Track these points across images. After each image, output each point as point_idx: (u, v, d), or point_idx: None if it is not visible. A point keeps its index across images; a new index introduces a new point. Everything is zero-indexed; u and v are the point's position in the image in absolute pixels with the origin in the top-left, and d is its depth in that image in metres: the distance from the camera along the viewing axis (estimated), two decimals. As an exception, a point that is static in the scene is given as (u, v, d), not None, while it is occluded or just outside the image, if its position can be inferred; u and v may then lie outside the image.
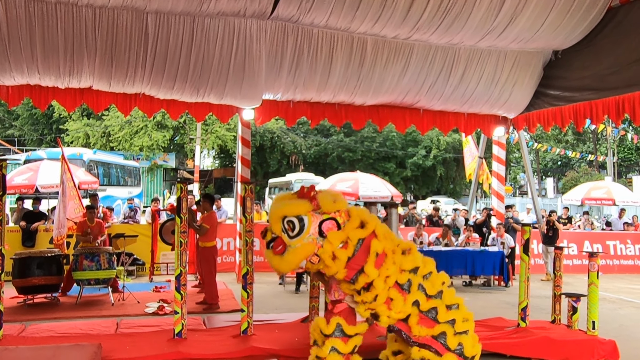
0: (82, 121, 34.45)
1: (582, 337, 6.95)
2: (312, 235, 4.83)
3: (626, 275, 14.67)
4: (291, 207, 4.90)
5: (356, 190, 15.41)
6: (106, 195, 21.81)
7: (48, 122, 39.13)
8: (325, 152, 39.08)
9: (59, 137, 24.02)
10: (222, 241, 12.80)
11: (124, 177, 28.04)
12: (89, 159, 23.15)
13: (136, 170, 29.94)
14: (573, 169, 45.27)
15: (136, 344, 6.18)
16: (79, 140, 33.51)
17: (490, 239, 12.82)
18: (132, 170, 29.39)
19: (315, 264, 4.88)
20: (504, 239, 12.48)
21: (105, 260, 9.12)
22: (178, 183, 6.62)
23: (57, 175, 11.12)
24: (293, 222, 4.83)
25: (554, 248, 7.83)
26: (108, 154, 29.42)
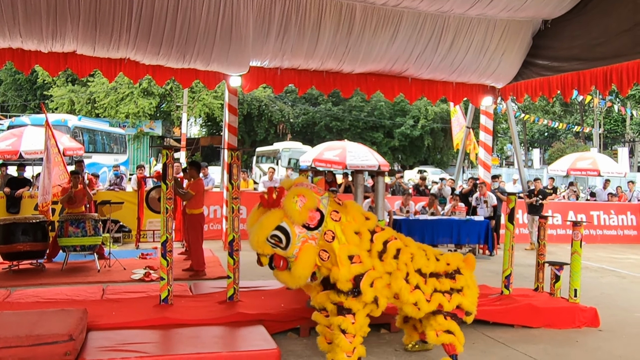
0: (67, 87, 33.97)
1: (564, 305, 7.06)
2: (301, 234, 4.63)
3: (608, 245, 14.89)
4: (266, 223, 4.62)
5: (343, 159, 15.40)
6: (92, 163, 21.64)
7: (32, 88, 38.55)
8: (313, 121, 38.94)
9: (43, 102, 23.64)
10: (208, 209, 12.78)
11: (110, 145, 27.79)
12: (74, 126, 22.89)
13: (122, 138, 29.67)
14: (559, 140, 45.50)
15: (122, 309, 6.18)
16: (64, 106, 33.08)
17: (474, 199, 12.91)
18: (118, 138, 29.12)
19: (326, 261, 4.71)
20: (486, 198, 12.58)
21: (90, 226, 9.08)
22: (163, 149, 6.56)
23: (41, 141, 10.98)
24: (277, 235, 4.60)
25: (539, 217, 7.89)
26: (93, 120, 29.10)
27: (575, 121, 42.77)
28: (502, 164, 48.15)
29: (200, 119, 39.54)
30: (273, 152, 29.23)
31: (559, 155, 31.42)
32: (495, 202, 12.58)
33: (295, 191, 4.68)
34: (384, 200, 7.90)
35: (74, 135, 21.15)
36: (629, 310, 7.88)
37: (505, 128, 44.15)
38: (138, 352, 4.93)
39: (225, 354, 5.09)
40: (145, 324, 5.78)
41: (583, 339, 6.44)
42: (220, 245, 11.77)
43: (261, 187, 14.68)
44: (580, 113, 44.09)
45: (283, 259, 4.68)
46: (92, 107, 33.38)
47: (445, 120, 34.05)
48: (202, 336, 5.50)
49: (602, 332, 6.73)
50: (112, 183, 14.23)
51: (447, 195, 13.83)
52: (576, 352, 5.97)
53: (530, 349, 5.99)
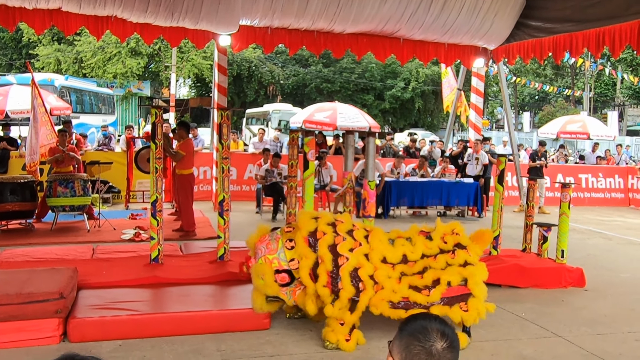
0: (53, 46, 33.36)
1: (551, 265, 7.15)
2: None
3: (596, 207, 15.04)
4: (258, 297, 4.92)
5: (334, 121, 15.32)
6: (80, 123, 21.42)
7: (17, 47, 37.80)
8: (303, 83, 38.61)
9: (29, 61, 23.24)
10: (198, 170, 12.75)
11: (98, 105, 27.47)
12: (61, 85, 22.57)
13: (110, 98, 29.32)
14: (550, 103, 45.50)
15: (113, 268, 6.19)
16: (50, 66, 32.54)
17: (466, 156, 12.95)
18: (106, 98, 28.78)
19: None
20: (479, 155, 12.63)
21: (79, 187, 9.02)
22: (152, 108, 6.47)
23: (28, 100, 10.81)
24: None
25: (528, 179, 7.93)
26: (81, 80, 28.67)
27: (566, 84, 42.71)
28: (492, 127, 48.18)
29: (190, 79, 39.09)
30: (263, 113, 29.00)
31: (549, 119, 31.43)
32: (487, 162, 12.62)
33: (254, 272, 4.86)
34: (376, 162, 7.88)
35: (60, 95, 20.86)
36: (614, 271, 8.00)
37: (496, 91, 44.03)
38: (129, 310, 4.97)
39: (216, 312, 5.13)
40: (136, 283, 5.81)
41: (569, 299, 6.54)
42: (211, 206, 11.76)
43: (251, 148, 14.62)
44: (571, 76, 43.99)
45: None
46: (79, 67, 32.87)
47: (436, 83, 33.87)
48: (192, 295, 5.54)
49: (588, 292, 6.84)
50: (101, 143, 14.13)
51: (437, 158, 13.85)
52: (562, 311, 6.07)
53: (517, 307, 6.08)
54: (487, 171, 12.77)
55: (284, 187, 10.67)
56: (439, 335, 1.59)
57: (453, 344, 1.61)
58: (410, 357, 1.57)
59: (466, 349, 4.84)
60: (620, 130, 37.05)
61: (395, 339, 1.65)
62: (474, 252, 4.96)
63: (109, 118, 26.83)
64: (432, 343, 1.57)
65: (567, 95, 40.15)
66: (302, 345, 4.86)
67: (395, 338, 1.66)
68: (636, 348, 5.11)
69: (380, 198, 11.52)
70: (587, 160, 17.08)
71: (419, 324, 1.63)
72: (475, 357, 4.71)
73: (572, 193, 7.80)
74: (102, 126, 16.28)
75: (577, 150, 21.90)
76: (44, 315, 4.63)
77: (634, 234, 11.16)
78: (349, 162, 7.19)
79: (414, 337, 1.59)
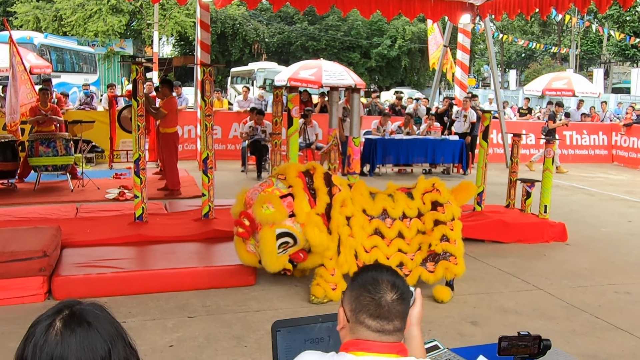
0: (31, 3, 32.48)
1: (533, 220, 7.24)
2: (294, 223, 4.64)
3: (580, 164, 15.16)
4: (267, 243, 4.57)
5: (319, 78, 15.15)
6: (61, 82, 21.05)
7: (-6, 4, 36.83)
8: (288, 41, 38.08)
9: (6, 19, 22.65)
10: (182, 129, 12.62)
11: (79, 64, 26.96)
12: (40, 43, 22.07)
13: (92, 57, 28.78)
14: (536, 61, 45.36)
15: (97, 227, 6.16)
16: (29, 24, 31.71)
17: (454, 113, 12.94)
18: (88, 57, 28.24)
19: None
20: (467, 112, 12.62)
21: (62, 146, 8.90)
22: (133, 64, 6.34)
23: (6, 58, 10.56)
24: (284, 242, 4.63)
25: (512, 135, 7.94)
26: (61, 38, 28.04)
27: (552, 42, 42.52)
28: (479, 86, 48.02)
29: (173, 38, 38.38)
30: (248, 72, 28.64)
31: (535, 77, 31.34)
32: (475, 120, 12.60)
33: (258, 203, 4.60)
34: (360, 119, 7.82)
35: (40, 53, 20.41)
36: (595, 226, 8.11)
37: (482, 49, 43.71)
38: (114, 268, 4.97)
39: (201, 269, 5.15)
40: (120, 241, 5.80)
41: (551, 253, 6.64)
42: (195, 165, 11.70)
43: (235, 107, 14.47)
44: (557, 34, 43.77)
45: (300, 251, 4.74)
46: (59, 25, 32.07)
47: (422, 41, 33.56)
48: (177, 252, 5.55)
49: (570, 247, 6.94)
50: (83, 102, 13.90)
51: (422, 115, 13.82)
52: (543, 265, 6.17)
53: (499, 262, 6.16)
54: (475, 129, 12.75)
55: (267, 145, 10.61)
56: (389, 287, 1.59)
57: (403, 295, 1.61)
58: (360, 308, 1.58)
59: (449, 302, 4.91)
60: (605, 87, 37.10)
61: (347, 290, 1.66)
62: (449, 210, 4.98)
63: (91, 77, 26.39)
64: (382, 294, 1.58)
65: (554, 52, 40.02)
66: (288, 300, 4.91)
67: (347, 289, 1.66)
68: (615, 299, 5.21)
69: (366, 156, 11.53)
70: (572, 117, 17.09)
71: (369, 275, 1.63)
72: (458, 310, 4.78)
73: (556, 149, 7.82)
74: (84, 85, 15.99)
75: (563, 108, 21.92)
76: (27, 273, 4.62)
77: (616, 190, 11.29)
78: (333, 119, 7.16)
79: (364, 288, 1.60)
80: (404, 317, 1.62)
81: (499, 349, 2.13)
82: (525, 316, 4.72)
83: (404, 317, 1.62)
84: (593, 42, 43.69)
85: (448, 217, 4.94)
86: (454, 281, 5.08)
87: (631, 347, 4.19)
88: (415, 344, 1.81)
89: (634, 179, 13.11)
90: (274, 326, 2.04)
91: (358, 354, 1.57)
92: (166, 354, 3.84)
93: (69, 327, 1.21)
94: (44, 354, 1.19)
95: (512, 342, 2.13)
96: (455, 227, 4.97)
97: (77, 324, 1.22)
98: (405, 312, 1.63)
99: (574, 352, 3.82)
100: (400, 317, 1.60)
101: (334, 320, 2.08)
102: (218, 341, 4.05)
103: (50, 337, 1.20)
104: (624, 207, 9.65)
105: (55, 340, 1.19)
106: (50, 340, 1.19)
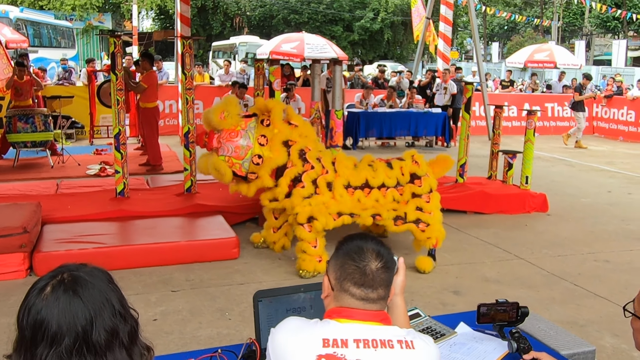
0: (6, -24, 31.74)
1: (515, 191, 7.30)
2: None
3: (561, 136, 15.23)
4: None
5: (301, 51, 15.02)
6: (38, 57, 20.65)
7: (-33, -22, 35.90)
8: (270, 14, 37.65)
9: (-19, -7, 22.12)
10: (164, 104, 12.50)
11: (57, 38, 26.42)
12: (16, 17, 21.58)
13: (70, 31, 28.20)
14: (519, 33, 45.29)
15: (78, 203, 6.10)
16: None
17: (435, 85, 12.92)
18: (65, 31, 27.66)
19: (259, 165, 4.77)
20: (447, 84, 12.62)
21: (40, 122, 8.76)
22: (110, 38, 6.22)
23: (-20, 32, 10.35)
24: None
25: (495, 107, 7.96)
26: (37, 12, 27.45)
27: (535, 14, 42.44)
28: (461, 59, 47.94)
29: (152, 11, 37.76)
30: (230, 46, 28.31)
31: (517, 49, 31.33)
32: (455, 91, 12.59)
33: (207, 111, 4.82)
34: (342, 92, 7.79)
35: (16, 27, 19.96)
36: (575, 196, 8.21)
37: (465, 21, 43.57)
38: (96, 243, 4.94)
39: (184, 243, 5.14)
40: (102, 217, 5.75)
41: (532, 223, 6.71)
42: (177, 140, 11.59)
43: (217, 81, 14.33)
44: (540, 5, 43.71)
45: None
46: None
47: (405, 13, 33.36)
48: (160, 227, 5.52)
49: (550, 217, 7.02)
50: (61, 77, 13.68)
51: (405, 88, 13.79)
52: (524, 235, 6.24)
53: (481, 233, 6.22)
54: (456, 101, 12.75)
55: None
56: (374, 256, 1.61)
57: (387, 264, 1.62)
58: (345, 276, 1.59)
59: (432, 272, 4.96)
60: (587, 59, 37.23)
61: (332, 258, 1.67)
62: (426, 183, 5.00)
63: (69, 52, 25.86)
64: (367, 263, 1.59)
65: (536, 25, 39.98)
66: (271, 272, 4.92)
67: (332, 257, 1.67)
68: (594, 267, 5.30)
69: (349, 129, 11.50)
70: (554, 90, 17.18)
71: (355, 243, 1.64)
72: (440, 280, 4.83)
73: (537, 121, 7.85)
74: (62, 60, 15.69)
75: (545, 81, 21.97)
76: (8, 249, 4.58)
77: (596, 161, 11.40)
78: (315, 92, 7.12)
79: (349, 257, 1.61)
80: (388, 286, 1.63)
81: (478, 315, 2.16)
82: (507, 285, 4.78)
83: (388, 286, 1.63)
84: (575, 14, 43.69)
85: (425, 190, 4.96)
86: (437, 252, 5.12)
87: (609, 312, 4.26)
88: (398, 312, 1.82)
89: (614, 150, 13.25)
90: (255, 296, 2.05)
91: (341, 321, 1.58)
92: (150, 328, 3.84)
93: (55, 293, 1.24)
94: (30, 317, 1.23)
95: (490, 308, 2.15)
96: (432, 199, 4.99)
97: (63, 290, 1.25)
98: (389, 280, 1.65)
99: (554, 319, 3.88)
100: (384, 285, 1.62)
101: (315, 290, 2.09)
102: (202, 314, 4.06)
103: (38, 301, 1.24)
104: (603, 178, 9.76)
105: (41, 305, 1.23)
106: (37, 303, 1.23)
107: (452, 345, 2.17)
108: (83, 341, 1.22)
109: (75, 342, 1.22)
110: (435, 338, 2.19)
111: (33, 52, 19.25)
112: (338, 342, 1.54)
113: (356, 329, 1.56)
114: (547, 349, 2.25)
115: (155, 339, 3.65)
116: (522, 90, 17.43)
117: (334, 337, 1.55)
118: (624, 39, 36.02)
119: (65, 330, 1.21)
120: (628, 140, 14.78)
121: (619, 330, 3.88)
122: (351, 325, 1.57)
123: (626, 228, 6.65)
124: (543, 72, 19.77)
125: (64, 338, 1.21)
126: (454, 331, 2.28)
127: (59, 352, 1.21)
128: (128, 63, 11.80)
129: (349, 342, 1.54)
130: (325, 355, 1.52)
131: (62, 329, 1.21)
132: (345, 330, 1.56)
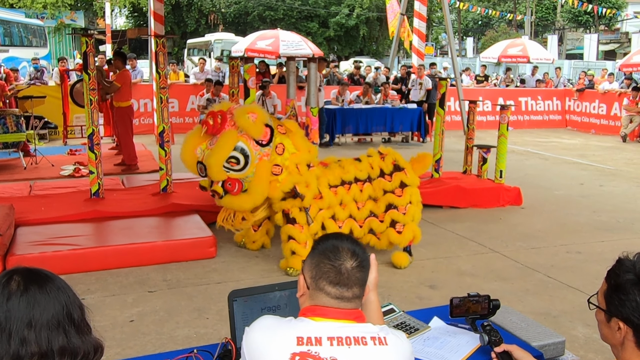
0: (-26, -26, 31.13)
1: (490, 185, 7.39)
2: (256, 151, 4.52)
3: (535, 130, 15.48)
4: (223, 145, 4.45)
5: (277, 48, 15.02)
6: (9, 57, 20.33)
7: None
8: (245, 11, 37.48)
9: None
10: (138, 102, 12.39)
11: (28, 37, 26.02)
12: (-15, 17, 21.24)
13: (41, 30, 27.78)
14: (493, 28, 45.73)
15: (52, 204, 6.03)
16: (-28, -4, 30.46)
17: (410, 81, 13.00)
18: (37, 30, 27.25)
19: (279, 174, 4.62)
20: (422, 80, 12.70)
21: (12, 122, 8.63)
22: (82, 37, 6.15)
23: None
24: (235, 157, 4.45)
25: (469, 102, 8.04)
26: (7, 11, 26.97)
27: (508, 9, 42.86)
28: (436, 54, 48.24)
29: (126, 9, 37.33)
30: (205, 43, 28.16)
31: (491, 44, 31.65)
32: (430, 87, 12.68)
33: (244, 109, 4.59)
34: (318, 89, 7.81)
35: (-14, 26, 19.64)
36: (549, 189, 8.33)
37: (440, 17, 43.80)
38: (70, 245, 4.90)
39: (161, 243, 5.11)
40: (77, 218, 5.69)
41: (506, 216, 6.81)
42: (153, 139, 11.47)
43: (192, 79, 14.24)
44: (513, 1, 44.15)
45: (238, 181, 4.55)
46: (5, -3, 30.88)
47: (381, 9, 33.45)
48: (136, 227, 5.48)
49: (525, 210, 7.13)
50: (33, 77, 13.48)
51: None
52: (499, 228, 6.32)
53: (456, 226, 6.30)
54: (431, 96, 12.83)
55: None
56: (349, 255, 1.63)
57: (362, 263, 1.65)
58: (320, 275, 1.62)
59: (408, 267, 5.01)
60: (559, 54, 37.74)
61: (308, 258, 1.69)
62: (397, 178, 5.01)
63: (41, 51, 25.52)
64: (342, 262, 1.61)
65: (510, 19, 40.42)
66: (249, 271, 4.93)
67: (308, 256, 1.69)
68: (567, 259, 5.39)
69: (325, 126, 11.52)
70: (527, 84, 17.41)
71: (330, 243, 1.67)
72: (416, 275, 4.88)
73: (511, 116, 7.95)
74: (33, 59, 15.45)
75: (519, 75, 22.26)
76: (-20, 253, 4.51)
77: (569, 154, 11.59)
78: (291, 89, 7.13)
79: (325, 256, 1.63)
80: (362, 285, 1.66)
81: (451, 309, 2.19)
82: (482, 278, 4.85)
83: (362, 285, 1.66)
84: (547, 8, 44.23)
85: (395, 185, 4.98)
86: (412, 247, 5.17)
87: (581, 303, 4.34)
88: (372, 309, 1.85)
89: (586, 143, 13.47)
90: (230, 296, 2.07)
91: (316, 319, 1.60)
92: (127, 329, 3.83)
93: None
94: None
95: (462, 301, 2.19)
96: (404, 194, 4.98)
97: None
98: (364, 279, 1.67)
99: (527, 310, 3.95)
100: (359, 284, 1.64)
101: (290, 288, 2.11)
102: (179, 314, 4.05)
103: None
104: (576, 170, 9.92)
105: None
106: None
107: (426, 339, 2.21)
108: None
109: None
110: (410, 333, 2.22)
111: (3, 52, 18.97)
112: (312, 340, 1.56)
113: (330, 327, 1.59)
114: (519, 341, 2.30)
115: (132, 340, 3.66)
116: (497, 85, 17.60)
117: (308, 335, 1.57)
118: (595, 33, 36.54)
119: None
120: (600, 133, 15.04)
121: (591, 320, 3.92)
122: (325, 323, 1.59)
123: (597, 219, 6.78)
124: (517, 67, 20.05)
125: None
126: (428, 326, 2.31)
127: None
128: (101, 62, 11.68)
129: (322, 339, 1.56)
130: (299, 353, 1.54)
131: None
132: (320, 328, 1.58)
